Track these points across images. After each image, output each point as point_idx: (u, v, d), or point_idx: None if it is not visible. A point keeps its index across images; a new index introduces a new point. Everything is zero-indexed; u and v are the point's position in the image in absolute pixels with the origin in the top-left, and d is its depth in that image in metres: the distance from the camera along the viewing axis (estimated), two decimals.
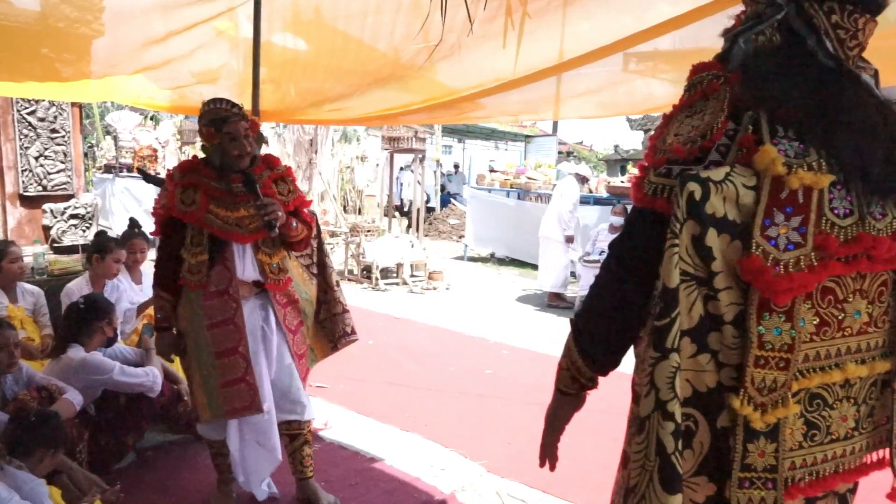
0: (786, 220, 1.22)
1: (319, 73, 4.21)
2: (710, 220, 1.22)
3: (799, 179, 1.20)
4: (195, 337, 2.83)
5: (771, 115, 1.25)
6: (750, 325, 1.22)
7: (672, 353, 1.22)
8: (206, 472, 3.39)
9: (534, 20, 2.81)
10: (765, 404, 1.24)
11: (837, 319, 1.29)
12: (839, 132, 1.24)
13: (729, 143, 1.27)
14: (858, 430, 1.36)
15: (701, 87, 1.35)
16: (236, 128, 2.76)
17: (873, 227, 1.26)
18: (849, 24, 1.29)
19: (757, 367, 1.23)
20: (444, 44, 2.90)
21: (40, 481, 2.46)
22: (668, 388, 1.21)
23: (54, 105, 5.34)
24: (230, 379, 2.80)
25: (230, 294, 2.80)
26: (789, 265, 1.21)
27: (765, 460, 1.26)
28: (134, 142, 12.38)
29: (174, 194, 2.77)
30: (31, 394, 3.04)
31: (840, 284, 1.28)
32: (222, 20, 3.85)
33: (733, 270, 1.23)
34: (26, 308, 4.03)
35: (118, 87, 4.35)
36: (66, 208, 5.45)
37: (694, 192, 1.21)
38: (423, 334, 6.74)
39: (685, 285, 1.23)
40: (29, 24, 3.32)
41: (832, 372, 1.29)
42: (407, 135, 9.98)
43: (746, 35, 1.33)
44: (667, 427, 1.21)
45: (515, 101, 3.93)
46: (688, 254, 1.23)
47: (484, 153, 25.03)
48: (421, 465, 3.66)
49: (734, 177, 1.22)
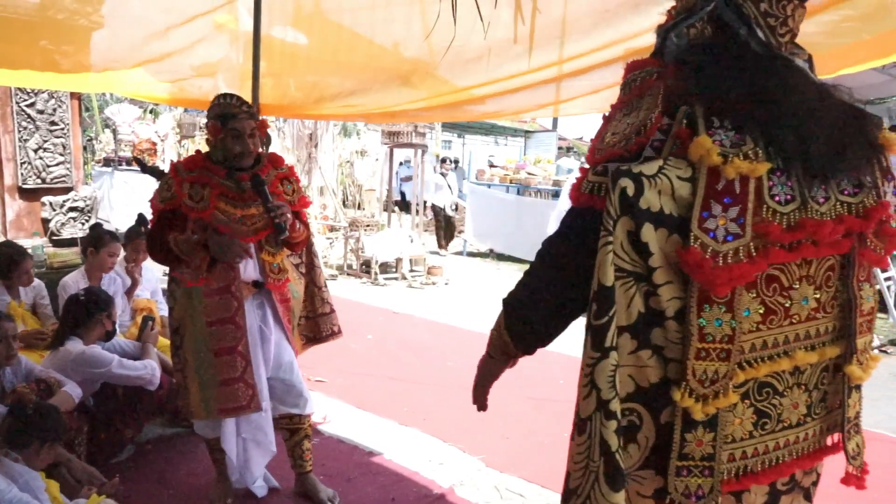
0: (724, 211, 1.20)
1: (320, 68, 4.20)
2: (645, 216, 1.20)
3: (735, 169, 1.19)
4: (193, 334, 2.80)
5: (706, 108, 1.23)
6: (690, 318, 1.21)
7: (611, 351, 1.22)
8: (205, 465, 3.39)
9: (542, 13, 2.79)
10: (706, 395, 1.23)
11: (784, 307, 1.28)
12: (776, 118, 1.23)
13: (664, 139, 1.26)
14: (811, 416, 1.36)
15: (635, 85, 1.35)
16: (242, 125, 2.73)
17: (816, 212, 1.24)
18: (778, 12, 1.29)
19: (698, 360, 1.22)
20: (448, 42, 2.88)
21: (36, 474, 2.46)
22: (610, 387, 1.22)
23: (53, 97, 5.33)
24: (228, 378, 2.78)
25: (232, 293, 2.78)
26: (728, 256, 1.20)
27: (702, 449, 1.26)
28: (133, 135, 12.36)
29: (181, 189, 2.71)
30: (29, 386, 3.04)
31: (785, 272, 1.27)
32: (222, 13, 3.84)
33: (674, 264, 1.22)
34: (27, 304, 4.03)
35: (118, 79, 4.34)
36: (65, 201, 5.44)
37: (626, 188, 1.20)
38: (422, 329, 6.74)
39: (622, 282, 1.23)
40: (28, 15, 3.30)
41: (780, 360, 1.29)
42: (407, 129, 9.97)
43: (677, 29, 1.33)
44: (609, 426, 1.21)
45: (518, 98, 3.93)
46: (623, 250, 1.22)
47: (483, 148, 25.00)
48: (419, 459, 3.66)
49: (668, 169, 1.21)
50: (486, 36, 2.73)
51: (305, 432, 3.13)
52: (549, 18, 2.89)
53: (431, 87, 3.98)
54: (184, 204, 2.70)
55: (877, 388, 5.39)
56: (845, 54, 2.75)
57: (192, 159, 2.86)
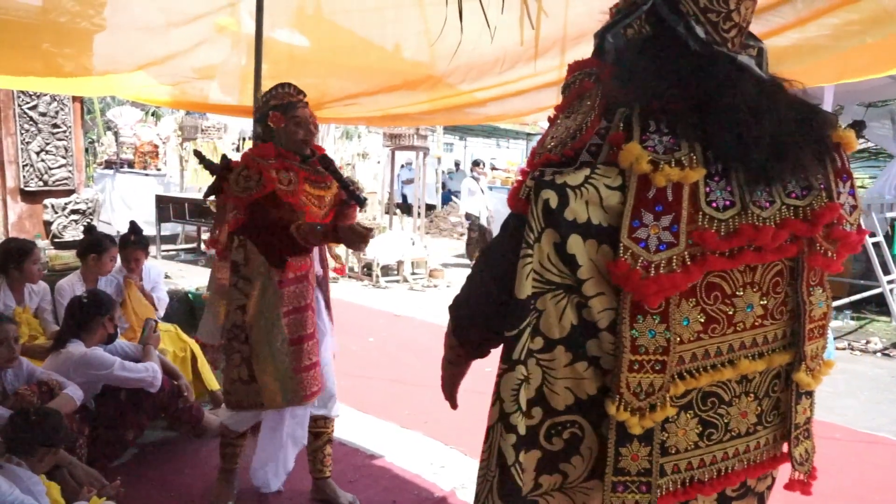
0: (655, 220, 1.16)
1: (321, 71, 4.20)
2: (571, 227, 1.16)
3: (665, 177, 1.14)
4: (269, 325, 2.78)
5: (644, 110, 1.19)
6: (622, 330, 1.17)
7: (518, 364, 1.18)
8: (207, 468, 3.39)
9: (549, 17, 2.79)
10: (642, 409, 1.19)
11: (727, 315, 1.23)
12: (714, 120, 1.17)
13: (601, 143, 1.22)
14: (762, 424, 1.32)
15: (574, 87, 1.31)
16: (303, 112, 2.82)
17: (758, 217, 1.19)
18: (719, 6, 1.23)
19: (631, 372, 1.18)
20: (452, 44, 2.88)
21: (37, 478, 2.46)
22: (512, 400, 1.18)
23: (56, 100, 5.33)
24: (307, 364, 2.82)
25: (308, 279, 2.85)
26: (661, 266, 1.16)
27: (638, 464, 1.22)
28: (135, 137, 12.39)
29: (271, 174, 2.69)
30: (31, 389, 3.04)
31: (727, 279, 1.22)
32: (224, 16, 3.84)
33: (605, 275, 1.18)
34: (31, 308, 4.02)
35: (119, 82, 4.34)
36: (67, 203, 5.44)
37: (549, 200, 1.16)
38: (424, 332, 6.74)
39: (552, 294, 1.19)
40: (30, 18, 3.31)
41: (723, 370, 1.25)
42: (408, 132, 9.97)
43: (614, 29, 1.29)
44: (508, 439, 1.18)
45: (519, 101, 3.93)
46: (551, 262, 1.18)
47: (485, 151, 25.01)
48: (421, 462, 3.66)
49: (595, 179, 1.17)
50: (492, 40, 2.72)
51: (329, 436, 3.13)
52: (554, 22, 2.90)
53: (433, 90, 3.98)
54: (278, 189, 2.69)
55: (879, 391, 5.38)
56: (850, 59, 2.75)
57: (263, 149, 2.84)
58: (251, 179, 2.71)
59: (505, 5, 2.35)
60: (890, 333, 6.98)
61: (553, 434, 1.24)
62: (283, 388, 2.80)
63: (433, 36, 3.19)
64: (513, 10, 2.52)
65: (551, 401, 1.22)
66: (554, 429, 1.24)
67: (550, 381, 1.22)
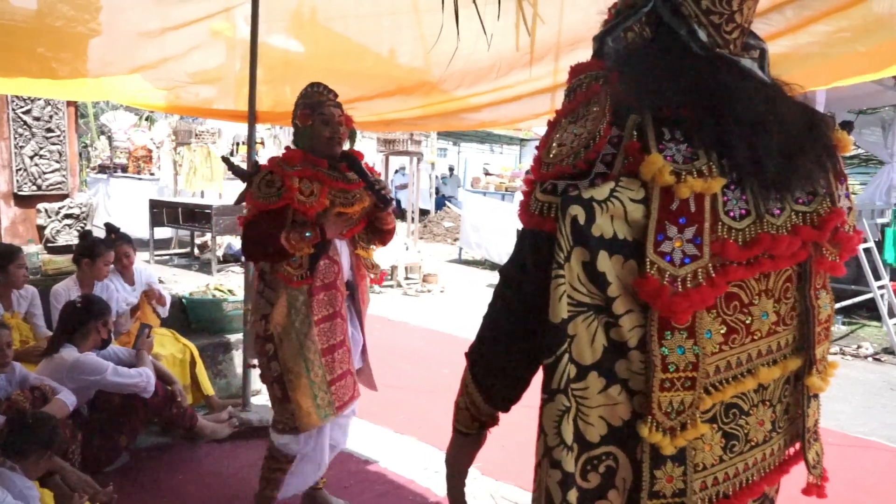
0: (679, 233, 1.12)
1: (316, 76, 4.20)
2: (598, 243, 1.12)
3: (689, 188, 1.10)
4: (300, 338, 2.68)
5: (655, 116, 1.15)
6: (652, 348, 1.13)
7: (558, 394, 1.13)
8: (200, 474, 3.38)
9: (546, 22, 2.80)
10: (674, 428, 1.16)
11: (745, 324, 1.21)
12: (727, 128, 1.14)
13: (615, 152, 1.16)
14: (776, 431, 1.31)
15: (581, 91, 1.26)
16: (331, 111, 2.76)
17: (772, 226, 1.17)
18: (722, 8, 1.20)
19: (663, 391, 1.14)
20: (448, 50, 2.89)
21: (31, 484, 2.45)
22: (555, 432, 1.14)
23: (50, 104, 5.33)
24: (339, 373, 2.79)
25: (337, 287, 2.79)
26: (687, 280, 1.12)
27: (673, 485, 1.18)
28: (129, 142, 12.36)
29: (292, 183, 2.63)
30: (24, 394, 3.03)
31: (744, 288, 1.20)
32: (219, 21, 3.85)
33: (632, 292, 1.14)
34: (20, 313, 4.00)
35: (114, 87, 4.34)
36: (61, 208, 5.43)
37: (577, 216, 1.11)
38: (418, 336, 6.74)
39: (583, 317, 1.14)
40: (26, 22, 3.31)
41: (745, 380, 1.22)
42: (402, 137, 9.99)
43: (614, 33, 1.26)
44: (553, 476, 1.14)
45: (513, 107, 3.94)
46: (580, 282, 1.13)
47: (479, 156, 25.06)
48: (415, 467, 3.66)
49: (620, 192, 1.13)
50: (489, 47, 2.73)
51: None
52: (550, 28, 2.91)
53: (428, 95, 3.99)
54: (296, 199, 2.63)
55: (870, 395, 5.41)
56: (840, 66, 2.77)
57: (291, 154, 2.77)
58: (273, 185, 2.66)
59: (501, 11, 2.35)
60: (881, 338, 7.02)
61: (589, 470, 1.19)
62: (316, 405, 2.71)
63: (429, 42, 3.20)
64: (508, 16, 2.53)
65: (586, 433, 1.18)
66: (590, 464, 1.19)
67: (584, 413, 1.17)
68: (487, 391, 1.36)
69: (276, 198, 2.64)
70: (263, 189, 2.67)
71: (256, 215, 2.70)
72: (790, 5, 2.50)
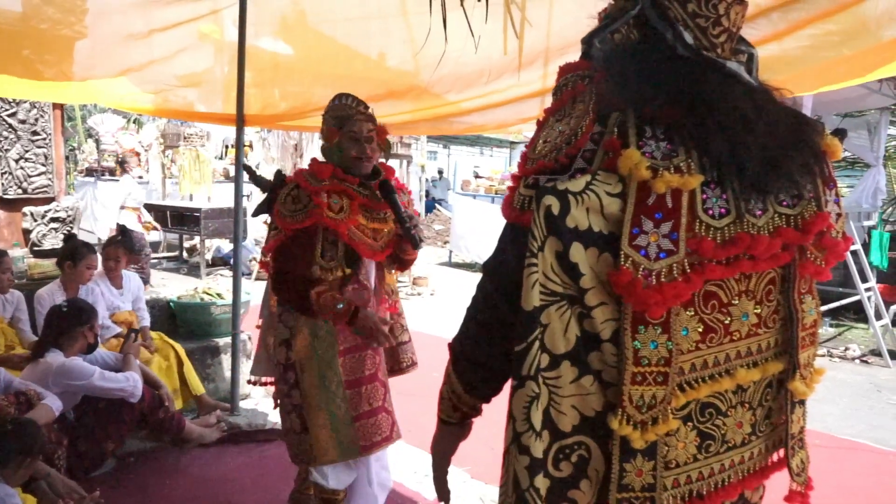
0: (655, 227, 1.14)
1: (305, 79, 4.20)
2: (573, 235, 1.14)
3: (665, 183, 1.12)
4: (322, 368, 2.52)
5: (638, 115, 1.17)
6: (625, 341, 1.14)
7: (528, 380, 1.14)
8: (187, 479, 3.36)
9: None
10: (644, 422, 1.16)
11: (724, 324, 1.22)
12: (708, 128, 1.16)
13: (595, 148, 1.19)
14: (756, 434, 1.31)
15: (567, 90, 1.28)
16: (360, 128, 2.55)
17: (752, 226, 1.18)
18: (708, 11, 1.21)
19: (634, 385, 1.15)
20: (437, 53, 2.88)
21: (13, 491, 2.42)
22: (524, 418, 1.15)
23: (35, 107, 5.28)
24: (369, 409, 2.56)
25: None
26: (661, 275, 1.13)
27: (643, 479, 1.19)
28: (116, 145, 12.28)
29: (321, 199, 2.46)
30: (8, 399, 2.99)
31: (724, 287, 1.21)
32: (207, 23, 3.84)
33: (606, 285, 1.15)
34: (6, 318, 3.96)
35: (102, 89, 4.31)
36: (47, 211, 5.38)
37: (551, 207, 1.13)
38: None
39: (556, 306, 1.15)
40: (10, 24, 3.28)
41: (722, 380, 1.23)
42: (392, 140, 9.98)
43: (601, 35, 1.27)
44: (521, 461, 1.15)
45: (502, 112, 3.95)
46: (554, 272, 1.15)
47: (469, 159, 25.08)
48: (404, 471, 3.65)
49: (596, 185, 1.14)
50: (476, 50, 2.72)
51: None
52: (539, 32, 2.91)
53: (418, 99, 3.99)
54: (326, 215, 2.46)
55: (858, 397, 5.44)
56: (827, 70, 2.79)
57: (320, 168, 2.57)
58: (300, 202, 2.49)
59: (489, 15, 2.35)
60: (868, 340, 7.07)
61: (561, 459, 1.20)
62: (337, 441, 2.52)
63: (417, 45, 3.20)
64: (497, 21, 2.53)
65: (558, 422, 1.19)
66: (562, 453, 1.20)
67: (557, 401, 1.18)
68: (469, 381, 1.39)
69: (304, 215, 2.47)
70: (290, 205, 2.51)
71: (285, 241, 2.51)
72: (777, 11, 2.52)
